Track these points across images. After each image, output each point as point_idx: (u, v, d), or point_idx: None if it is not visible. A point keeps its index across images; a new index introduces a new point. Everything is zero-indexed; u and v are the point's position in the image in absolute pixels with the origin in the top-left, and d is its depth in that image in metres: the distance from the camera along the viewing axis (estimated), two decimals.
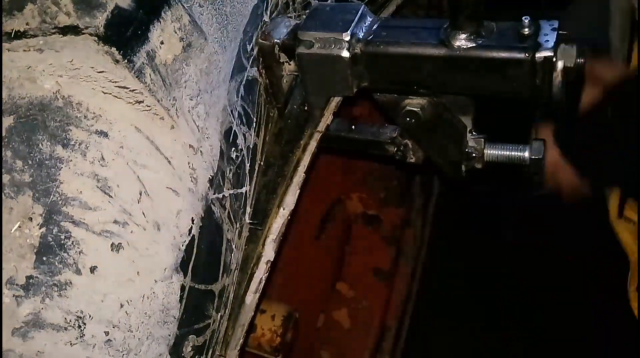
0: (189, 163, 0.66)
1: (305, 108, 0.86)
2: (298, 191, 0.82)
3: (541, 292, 1.89)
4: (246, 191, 0.78)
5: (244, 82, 0.75)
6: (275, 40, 0.79)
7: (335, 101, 0.88)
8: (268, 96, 0.83)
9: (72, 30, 0.58)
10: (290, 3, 0.85)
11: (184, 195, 0.65)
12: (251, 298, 0.78)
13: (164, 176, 0.63)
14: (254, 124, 0.78)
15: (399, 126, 0.94)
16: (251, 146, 0.78)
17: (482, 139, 0.91)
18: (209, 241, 0.69)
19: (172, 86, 0.62)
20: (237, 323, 0.77)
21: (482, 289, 1.90)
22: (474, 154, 0.91)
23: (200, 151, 0.66)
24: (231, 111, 0.71)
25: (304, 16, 0.86)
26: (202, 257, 0.68)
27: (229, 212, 0.73)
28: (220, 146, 0.69)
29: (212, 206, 0.69)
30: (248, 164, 0.77)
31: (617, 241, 1.64)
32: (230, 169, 0.72)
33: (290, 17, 0.84)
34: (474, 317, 1.86)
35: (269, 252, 0.79)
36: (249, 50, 0.77)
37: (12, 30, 0.58)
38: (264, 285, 0.80)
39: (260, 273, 0.79)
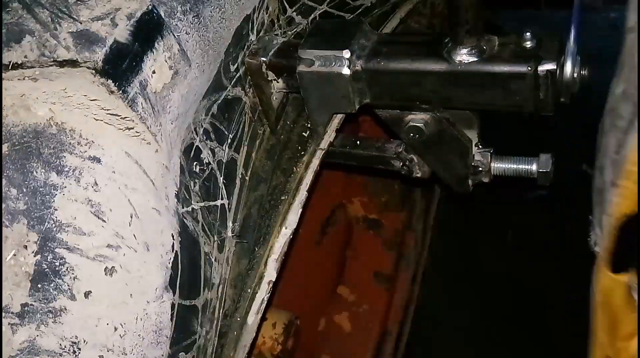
0: (164, 182, 0.67)
1: (308, 124, 0.87)
2: (300, 210, 0.83)
3: (543, 294, 1.89)
4: (222, 204, 0.78)
5: (219, 102, 0.76)
6: (262, 59, 0.80)
7: (337, 118, 0.88)
8: (255, 114, 0.84)
9: (70, 63, 0.59)
10: (275, 21, 0.85)
11: (164, 213, 0.66)
12: (253, 319, 0.78)
13: (150, 198, 0.64)
14: (228, 140, 0.79)
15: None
16: (224, 161, 0.78)
17: (489, 153, 0.91)
18: (188, 256, 0.71)
19: (159, 113, 0.64)
20: (238, 344, 0.78)
21: (483, 293, 1.90)
22: (480, 168, 0.91)
23: (168, 169, 0.68)
24: (195, 129, 0.72)
25: (289, 32, 0.86)
26: (185, 272, 0.69)
27: (202, 225, 0.74)
28: (180, 162, 0.70)
29: (184, 219, 0.70)
30: (221, 178, 0.78)
31: None
32: (196, 183, 0.73)
33: (277, 34, 0.85)
34: (476, 321, 1.86)
35: (271, 272, 0.80)
36: (232, 70, 0.78)
37: (10, 62, 0.60)
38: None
39: (262, 293, 0.79)
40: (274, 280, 0.80)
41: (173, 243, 0.66)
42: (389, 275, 1.78)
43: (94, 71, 0.58)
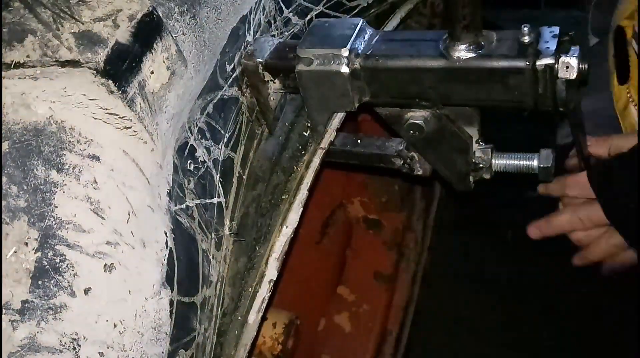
0: (157, 181, 0.68)
1: (308, 124, 0.87)
2: (301, 209, 0.83)
3: (544, 294, 1.90)
4: (219, 202, 0.78)
5: (215, 101, 0.77)
6: (258, 60, 0.80)
7: (338, 117, 0.88)
8: (252, 114, 0.84)
9: (72, 63, 0.60)
10: (272, 22, 0.86)
11: (157, 211, 0.67)
12: (254, 318, 0.78)
13: (145, 196, 0.65)
14: (225, 139, 0.79)
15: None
16: (220, 159, 0.79)
17: (490, 149, 0.91)
18: (185, 252, 0.71)
19: (156, 112, 0.65)
20: (239, 342, 0.78)
21: (484, 293, 1.90)
22: (481, 165, 0.91)
23: (161, 168, 0.68)
24: (189, 128, 0.73)
25: (286, 33, 0.87)
26: (183, 269, 0.70)
27: (199, 221, 0.74)
28: (174, 161, 0.71)
29: (177, 217, 0.71)
30: (217, 176, 0.78)
31: None
32: (190, 181, 0.74)
33: (274, 35, 0.86)
34: (476, 321, 1.86)
35: (272, 271, 0.80)
36: (228, 70, 0.78)
37: (12, 61, 0.60)
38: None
39: (264, 292, 0.79)
40: (274, 279, 0.80)
41: (166, 240, 0.67)
42: (389, 275, 1.78)
43: (95, 71, 0.59)
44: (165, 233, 0.67)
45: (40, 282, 0.57)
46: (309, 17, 0.92)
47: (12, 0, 0.62)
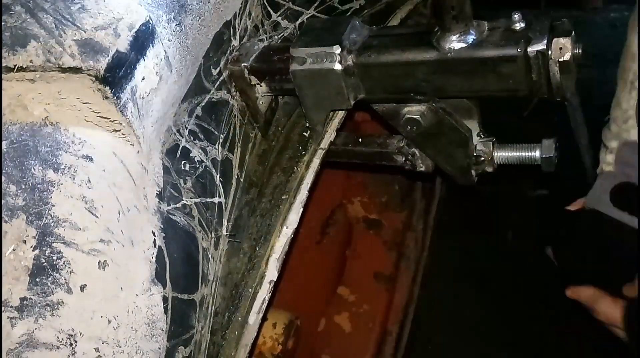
0: (142, 182, 0.69)
1: (307, 124, 0.87)
2: (301, 209, 0.83)
3: (544, 295, 1.89)
4: (220, 202, 0.79)
5: (203, 104, 0.78)
6: (243, 64, 0.81)
7: (338, 117, 0.89)
8: (245, 117, 0.85)
9: (73, 70, 0.61)
10: (260, 26, 0.86)
11: (142, 211, 0.68)
12: (254, 319, 0.79)
13: (132, 196, 0.67)
14: (220, 139, 0.80)
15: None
16: (219, 159, 0.80)
17: (491, 142, 0.89)
18: (181, 250, 0.72)
19: (144, 116, 0.66)
20: (240, 343, 0.78)
21: (484, 293, 1.90)
22: (482, 158, 0.89)
23: (146, 170, 0.69)
24: (177, 130, 0.74)
25: (276, 37, 0.87)
26: (178, 266, 0.71)
27: (199, 220, 0.75)
28: (163, 163, 0.72)
29: (171, 216, 0.72)
30: (218, 175, 0.79)
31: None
32: (187, 180, 0.75)
33: (262, 39, 0.86)
34: (476, 321, 1.87)
35: (272, 272, 0.80)
36: (214, 74, 0.80)
37: (15, 66, 0.61)
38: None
39: (264, 293, 0.80)
40: (275, 279, 0.80)
41: (155, 239, 0.68)
42: (389, 275, 1.79)
43: (94, 78, 0.60)
44: (154, 233, 0.68)
45: (38, 279, 0.58)
46: (299, 21, 0.92)
47: (14, 3, 0.63)
